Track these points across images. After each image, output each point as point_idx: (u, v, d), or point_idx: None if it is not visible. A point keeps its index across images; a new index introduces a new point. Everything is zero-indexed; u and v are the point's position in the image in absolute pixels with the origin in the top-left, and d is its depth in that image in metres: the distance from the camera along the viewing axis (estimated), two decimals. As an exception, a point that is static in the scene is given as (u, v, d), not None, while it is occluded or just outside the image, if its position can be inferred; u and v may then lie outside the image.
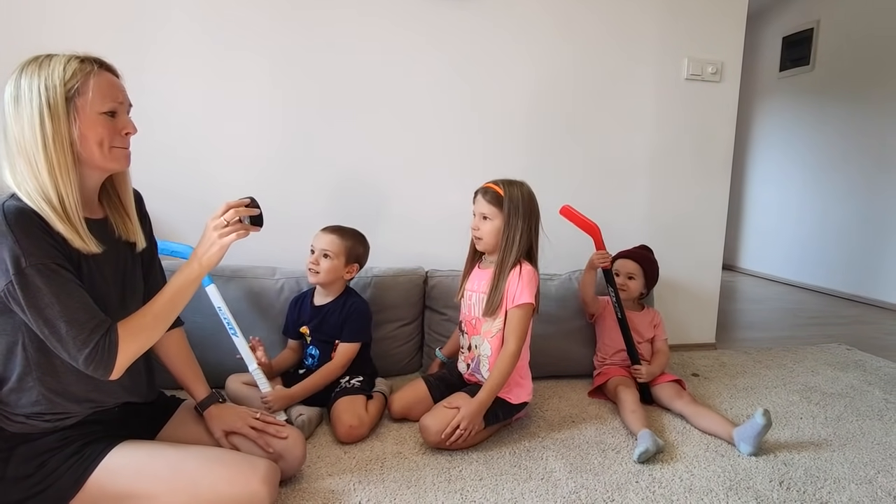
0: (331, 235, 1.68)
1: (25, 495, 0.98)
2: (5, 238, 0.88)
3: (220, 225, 1.03)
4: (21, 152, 0.92)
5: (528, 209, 1.53)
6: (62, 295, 0.90)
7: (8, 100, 0.93)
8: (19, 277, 0.87)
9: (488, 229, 1.54)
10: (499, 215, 1.52)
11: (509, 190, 1.53)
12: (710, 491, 1.29)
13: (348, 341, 1.67)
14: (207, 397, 1.24)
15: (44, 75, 0.92)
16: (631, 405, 1.62)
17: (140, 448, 1.06)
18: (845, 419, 1.72)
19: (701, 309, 2.50)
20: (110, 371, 0.94)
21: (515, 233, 1.51)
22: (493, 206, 1.53)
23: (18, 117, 0.92)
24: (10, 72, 0.95)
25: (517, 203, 1.52)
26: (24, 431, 1.00)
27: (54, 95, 0.91)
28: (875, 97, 3.57)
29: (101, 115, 0.96)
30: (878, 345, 2.60)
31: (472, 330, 1.61)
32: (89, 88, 0.94)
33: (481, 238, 1.56)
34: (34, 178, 0.92)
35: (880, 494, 1.30)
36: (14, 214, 0.89)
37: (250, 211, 1.06)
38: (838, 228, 3.83)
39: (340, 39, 2.03)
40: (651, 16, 2.26)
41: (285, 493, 1.23)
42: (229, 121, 1.99)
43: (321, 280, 1.67)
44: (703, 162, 2.40)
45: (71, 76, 0.93)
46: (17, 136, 0.92)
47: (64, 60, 0.94)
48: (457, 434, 1.40)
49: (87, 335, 0.91)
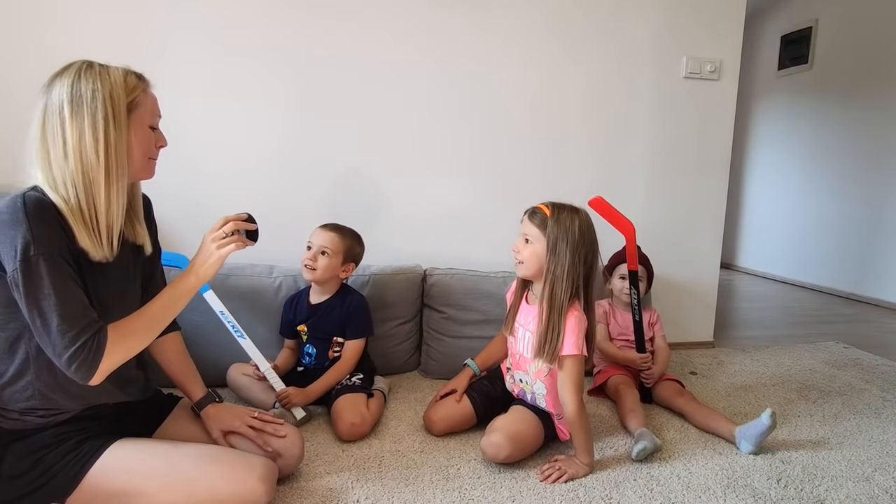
0: (330, 233, 1.67)
1: (21, 493, 0.97)
2: (20, 225, 0.88)
3: (218, 237, 1.06)
4: (75, 155, 0.94)
5: (579, 239, 1.32)
6: (61, 288, 0.90)
7: (63, 102, 0.94)
8: (25, 264, 0.88)
9: (529, 253, 1.37)
10: (542, 239, 1.35)
11: (559, 213, 1.34)
12: (707, 489, 1.29)
13: (354, 338, 1.68)
14: (204, 397, 1.24)
15: (108, 84, 0.96)
16: (630, 404, 1.62)
17: (137, 445, 1.06)
18: (843, 417, 1.72)
19: (699, 307, 2.50)
20: (92, 373, 0.92)
21: (561, 263, 1.31)
22: (537, 228, 1.36)
23: (77, 121, 0.94)
24: (54, 75, 0.96)
25: (566, 229, 1.32)
26: (18, 428, 0.99)
27: (119, 105, 0.97)
28: (873, 96, 3.57)
29: (148, 128, 1.03)
30: (875, 343, 2.61)
31: (516, 365, 1.50)
32: (144, 103, 1.02)
33: (522, 262, 1.39)
34: (84, 180, 0.94)
35: (877, 492, 1.30)
36: (33, 204, 0.91)
37: (248, 225, 1.10)
38: (836, 227, 3.84)
39: (340, 39, 2.02)
40: (649, 14, 2.26)
41: (283, 491, 1.22)
42: (228, 122, 1.98)
43: (317, 277, 1.66)
44: (701, 160, 2.40)
45: (133, 89, 0.99)
46: (73, 140, 0.94)
47: (123, 73, 0.99)
48: (553, 478, 1.31)
49: (76, 332, 0.90)
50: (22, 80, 1.84)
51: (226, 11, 1.93)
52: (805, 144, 4.11)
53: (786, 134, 4.30)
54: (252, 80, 1.98)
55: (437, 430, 1.53)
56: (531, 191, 2.25)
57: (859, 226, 3.67)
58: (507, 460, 1.35)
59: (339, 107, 2.06)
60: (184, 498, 1.01)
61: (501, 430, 1.37)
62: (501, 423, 1.40)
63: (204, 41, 1.93)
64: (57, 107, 0.94)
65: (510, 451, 1.34)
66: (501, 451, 1.34)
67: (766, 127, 4.50)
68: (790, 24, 4.18)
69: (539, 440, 1.43)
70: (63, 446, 1.00)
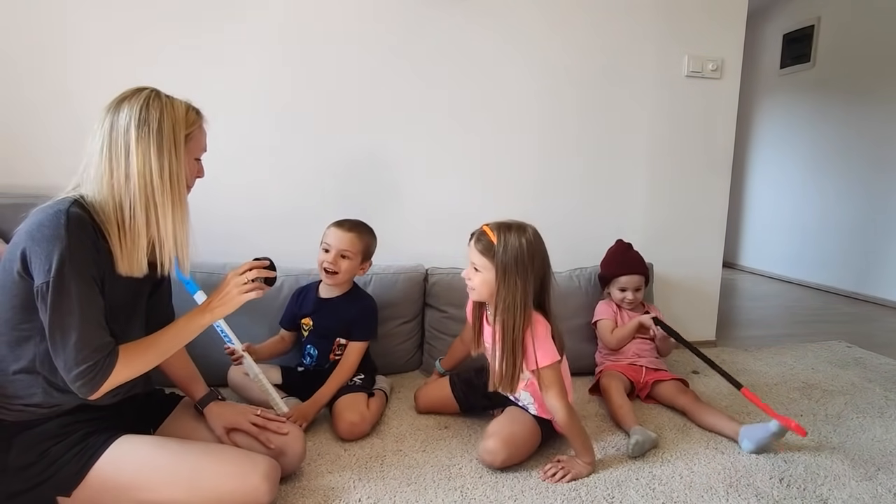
0: (349, 234, 1.63)
1: (28, 485, 0.98)
2: (60, 241, 0.91)
3: (240, 282, 1.11)
4: (139, 177, 0.98)
5: (528, 262, 1.27)
6: (86, 309, 0.94)
7: (129, 125, 0.99)
8: (58, 280, 0.91)
9: (479, 281, 1.33)
10: (490, 268, 1.30)
11: (505, 238, 1.28)
12: (710, 488, 1.29)
13: (359, 340, 1.66)
14: (207, 395, 1.24)
15: (172, 116, 1.02)
16: (617, 400, 1.62)
17: (143, 441, 1.07)
18: (845, 416, 1.72)
19: (701, 306, 2.49)
20: (95, 391, 0.96)
21: (512, 292, 1.27)
22: (484, 258, 1.30)
23: (142, 145, 0.98)
24: (121, 98, 1.01)
25: (514, 256, 1.27)
26: (23, 419, 1.00)
27: (180, 135, 1.03)
28: (876, 95, 3.56)
29: (194, 160, 1.10)
30: (878, 342, 2.60)
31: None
32: (197, 137, 1.09)
33: (474, 289, 1.35)
34: (145, 202, 0.99)
35: (881, 491, 1.30)
36: (76, 221, 0.94)
37: (269, 273, 1.15)
38: (838, 225, 3.83)
39: (341, 38, 2.03)
40: (651, 12, 2.25)
41: (285, 490, 1.23)
42: (229, 119, 1.97)
43: (339, 281, 1.64)
44: (704, 159, 2.40)
45: (192, 123, 1.07)
46: (138, 162, 0.98)
47: (185, 107, 1.07)
48: (558, 477, 1.31)
49: (90, 352, 0.94)
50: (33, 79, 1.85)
51: (226, 11, 1.94)
52: (807, 143, 4.10)
53: (788, 133, 4.28)
54: (251, 79, 1.99)
55: (419, 408, 1.68)
56: (531, 190, 2.25)
57: (862, 224, 3.66)
58: (504, 464, 1.33)
59: (341, 106, 2.06)
60: (187, 494, 1.02)
61: (495, 434, 1.34)
62: (495, 428, 1.37)
63: (206, 36, 1.93)
64: (124, 129, 0.99)
65: (506, 456, 1.32)
66: (497, 457, 1.32)
67: (768, 126, 4.48)
68: (792, 23, 4.17)
69: (536, 439, 1.41)
70: (69, 439, 1.01)
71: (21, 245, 0.93)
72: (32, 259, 0.92)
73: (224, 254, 1.79)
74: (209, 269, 1.73)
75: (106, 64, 1.86)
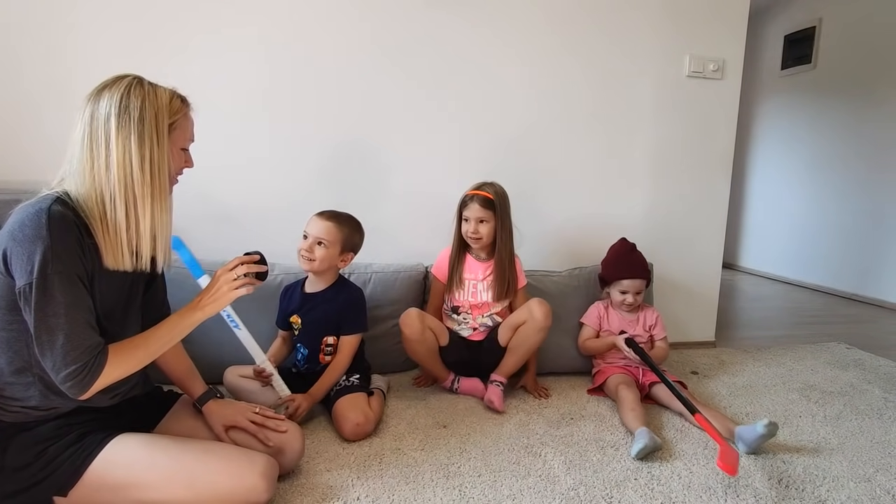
0: (327, 223, 1.60)
1: (25, 485, 0.98)
2: (42, 241, 0.89)
3: (229, 279, 1.09)
4: (118, 167, 0.95)
5: (508, 204, 1.81)
6: (72, 308, 0.91)
7: (110, 114, 0.95)
8: (41, 281, 0.88)
9: (486, 231, 1.77)
10: (493, 217, 1.77)
11: (497, 193, 1.77)
12: (708, 489, 1.29)
13: (350, 334, 1.64)
14: (205, 393, 1.24)
15: (155, 104, 0.99)
16: (631, 403, 1.61)
17: (140, 439, 1.06)
18: (844, 418, 1.72)
19: (701, 307, 2.49)
20: (85, 391, 0.94)
21: (507, 228, 1.79)
22: (489, 210, 1.76)
23: (122, 134, 0.95)
24: (102, 86, 0.98)
25: (504, 205, 1.79)
26: (20, 420, 1.00)
27: (162, 124, 0.99)
28: (876, 96, 3.55)
29: (180, 150, 1.06)
30: (877, 344, 2.60)
31: (478, 311, 1.84)
32: (183, 125, 1.05)
33: (481, 238, 1.78)
34: (126, 194, 0.96)
35: (879, 493, 1.30)
36: (57, 220, 0.91)
37: (259, 268, 1.13)
38: (839, 227, 3.83)
39: (339, 37, 2.02)
40: (652, 13, 2.25)
41: (284, 487, 1.23)
42: (226, 118, 1.98)
43: (315, 268, 1.61)
44: (704, 159, 2.40)
45: (177, 111, 1.02)
46: (118, 153, 0.95)
47: (170, 95, 1.02)
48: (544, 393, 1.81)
49: (78, 353, 0.92)
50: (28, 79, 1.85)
51: (226, 8, 1.93)
52: (808, 144, 4.10)
53: (788, 134, 4.28)
54: (249, 79, 1.98)
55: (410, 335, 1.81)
56: (532, 190, 2.25)
57: (862, 226, 3.66)
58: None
59: (339, 104, 2.06)
60: (185, 492, 1.01)
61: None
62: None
63: (199, 32, 1.93)
64: (104, 118, 0.95)
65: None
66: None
67: (769, 126, 4.48)
68: (793, 24, 4.17)
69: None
70: (65, 439, 1.01)
71: (2, 245, 0.91)
72: (14, 260, 0.90)
73: (220, 251, 1.78)
74: (204, 267, 1.72)
75: (104, 61, 1.85)
